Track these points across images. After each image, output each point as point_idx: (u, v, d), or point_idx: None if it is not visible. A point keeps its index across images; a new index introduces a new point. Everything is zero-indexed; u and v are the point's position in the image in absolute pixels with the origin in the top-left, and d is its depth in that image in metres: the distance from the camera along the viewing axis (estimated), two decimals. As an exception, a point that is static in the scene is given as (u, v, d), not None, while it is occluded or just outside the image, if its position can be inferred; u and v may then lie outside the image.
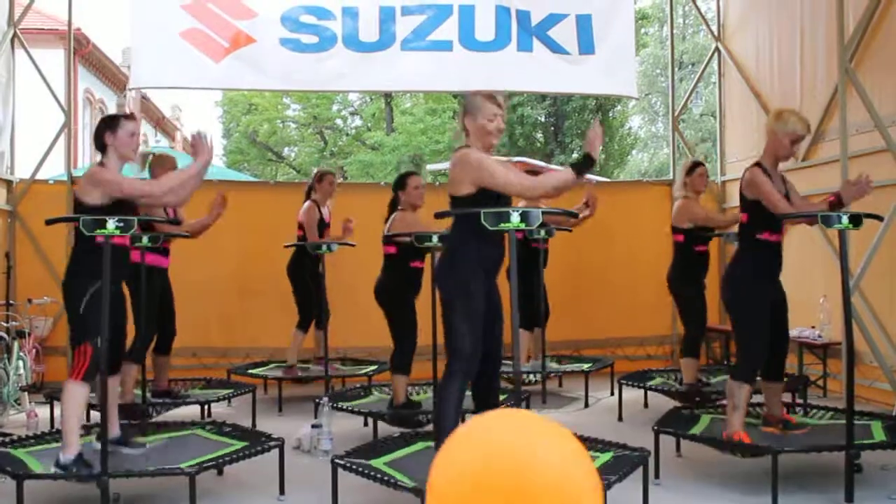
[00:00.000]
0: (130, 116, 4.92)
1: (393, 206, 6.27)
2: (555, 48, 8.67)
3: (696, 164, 6.88)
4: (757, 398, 5.62)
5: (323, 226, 7.66)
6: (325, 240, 7.38)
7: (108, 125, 4.77)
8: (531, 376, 7.56)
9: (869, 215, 4.72)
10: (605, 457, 4.47)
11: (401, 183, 6.24)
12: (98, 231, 4.11)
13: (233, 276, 8.77)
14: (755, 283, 4.96)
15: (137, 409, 6.00)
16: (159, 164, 6.58)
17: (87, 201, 4.54)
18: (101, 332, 4.25)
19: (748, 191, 4.97)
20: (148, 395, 6.27)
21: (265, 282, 8.47)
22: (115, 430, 4.91)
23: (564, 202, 6.92)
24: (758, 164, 4.99)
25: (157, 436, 5.24)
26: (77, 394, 4.43)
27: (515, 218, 3.81)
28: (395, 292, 6.18)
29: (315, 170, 8.07)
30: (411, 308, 6.18)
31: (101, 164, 4.73)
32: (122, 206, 4.60)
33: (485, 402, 4.56)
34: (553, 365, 8.04)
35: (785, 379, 5.57)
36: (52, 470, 4.37)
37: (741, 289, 5.02)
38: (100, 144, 4.76)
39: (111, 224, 4.10)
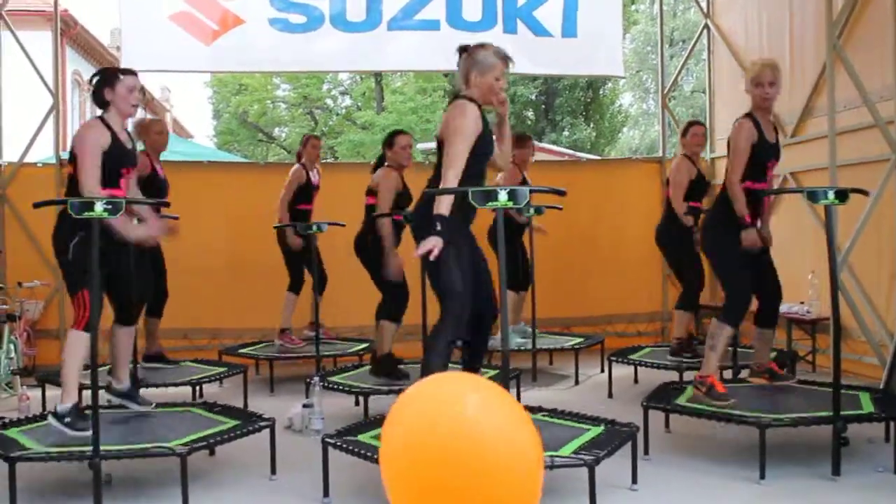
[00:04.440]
0: (128, 70, 4.79)
1: (380, 162, 6.29)
2: (538, 31, 8.64)
3: (691, 124, 6.95)
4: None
5: (311, 188, 7.71)
6: (314, 221, 7.36)
7: (106, 81, 4.64)
8: (518, 339, 7.65)
9: (855, 190, 4.75)
10: (595, 432, 4.49)
11: (389, 140, 6.27)
12: (86, 214, 4.00)
13: (223, 258, 8.74)
14: (729, 228, 5.01)
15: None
16: (145, 130, 6.58)
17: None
18: (90, 285, 4.19)
19: (733, 139, 5.10)
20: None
21: (256, 263, 8.45)
22: (126, 382, 4.96)
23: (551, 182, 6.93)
24: (748, 115, 5.07)
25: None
26: (79, 342, 4.42)
27: (503, 196, 3.76)
28: (374, 243, 6.13)
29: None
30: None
31: (101, 118, 4.64)
32: (111, 165, 4.56)
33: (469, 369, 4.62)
34: (544, 336, 8.05)
35: (774, 353, 5.62)
36: (49, 418, 4.42)
37: (716, 233, 5.11)
38: (100, 101, 4.65)
39: (99, 206, 3.99)
